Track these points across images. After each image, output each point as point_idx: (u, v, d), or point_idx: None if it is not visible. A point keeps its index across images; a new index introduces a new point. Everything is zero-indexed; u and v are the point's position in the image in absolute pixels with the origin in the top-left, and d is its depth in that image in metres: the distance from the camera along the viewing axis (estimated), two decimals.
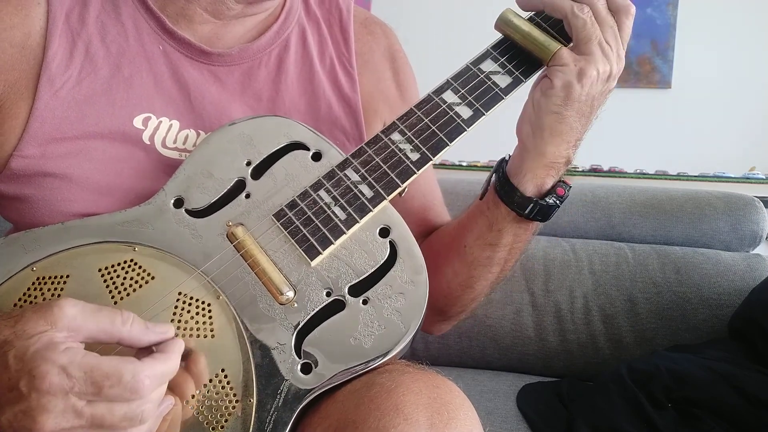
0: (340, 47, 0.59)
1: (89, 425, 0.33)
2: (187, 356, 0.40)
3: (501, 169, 0.51)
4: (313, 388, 0.41)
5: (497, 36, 0.51)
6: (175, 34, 0.52)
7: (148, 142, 0.50)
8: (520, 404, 0.90)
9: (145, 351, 0.38)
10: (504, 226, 0.51)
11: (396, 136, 0.48)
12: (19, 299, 0.42)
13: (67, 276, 0.43)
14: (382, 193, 0.46)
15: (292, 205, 0.46)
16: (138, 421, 0.35)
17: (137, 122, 0.50)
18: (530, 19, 0.50)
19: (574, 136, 0.48)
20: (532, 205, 0.49)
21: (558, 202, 0.50)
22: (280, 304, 0.43)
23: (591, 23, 0.45)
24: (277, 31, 0.56)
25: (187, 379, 0.40)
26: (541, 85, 0.48)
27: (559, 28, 0.49)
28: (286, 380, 0.41)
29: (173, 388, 0.39)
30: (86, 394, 0.33)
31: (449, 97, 0.49)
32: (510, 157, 0.52)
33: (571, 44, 0.48)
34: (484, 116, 0.49)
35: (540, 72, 0.50)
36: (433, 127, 0.48)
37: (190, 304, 0.43)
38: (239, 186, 0.48)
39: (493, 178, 0.52)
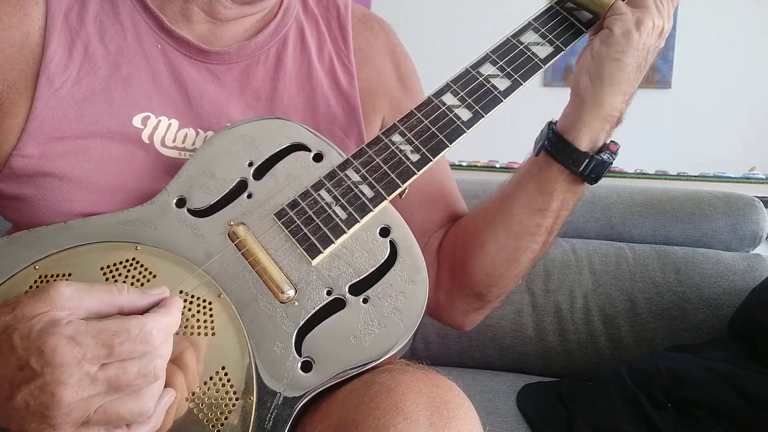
0: (339, 44, 0.59)
1: (106, 389, 0.34)
2: (187, 354, 0.41)
3: (551, 130, 0.51)
4: (313, 387, 0.41)
5: (496, 39, 0.51)
6: (173, 33, 0.52)
7: (148, 141, 0.50)
8: (520, 404, 0.90)
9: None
10: (555, 188, 0.51)
11: (396, 138, 0.48)
12: None
13: (69, 274, 0.43)
14: (383, 193, 0.46)
15: (293, 204, 0.46)
16: (152, 377, 0.35)
17: (136, 121, 0.50)
18: (535, 20, 0.51)
19: (630, 88, 0.50)
20: (588, 160, 0.49)
21: (612, 158, 0.50)
22: (281, 302, 0.43)
23: None
24: (275, 28, 0.56)
25: (188, 377, 0.40)
26: (600, 35, 0.49)
27: (564, 27, 0.50)
28: (287, 379, 0.41)
29: (174, 385, 0.39)
30: (99, 357, 0.34)
31: (449, 99, 0.49)
32: (556, 121, 0.52)
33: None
34: (483, 118, 0.49)
35: (537, 75, 0.50)
36: (433, 129, 0.48)
37: (191, 303, 0.43)
38: (241, 186, 0.48)
39: (543, 140, 0.51)
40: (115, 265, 0.44)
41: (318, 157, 0.49)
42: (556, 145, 0.50)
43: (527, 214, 0.52)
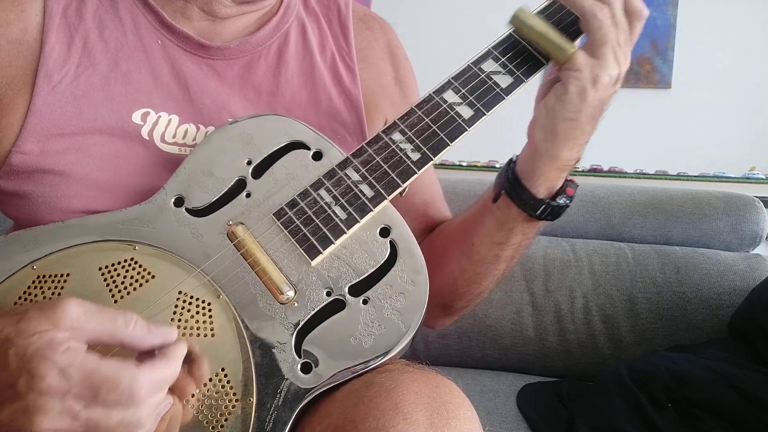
0: (340, 42, 0.59)
1: (85, 428, 0.33)
2: (187, 355, 0.40)
3: (510, 170, 0.51)
4: (313, 388, 0.41)
5: (497, 35, 0.51)
6: (173, 29, 0.52)
7: (147, 138, 0.50)
8: (520, 404, 0.90)
9: (147, 353, 0.37)
10: (514, 226, 0.51)
11: (397, 136, 0.48)
12: (20, 298, 0.42)
13: (68, 274, 0.43)
14: (383, 192, 0.46)
15: (292, 204, 0.46)
16: (134, 427, 0.34)
17: (136, 117, 0.50)
18: (541, 11, 0.49)
19: (585, 139, 0.49)
20: (544, 206, 0.50)
21: (568, 202, 0.50)
22: (281, 303, 0.43)
23: (608, 26, 0.45)
24: (276, 24, 0.56)
25: (187, 379, 0.40)
26: (555, 91, 0.47)
27: (568, 23, 0.49)
28: (286, 379, 0.41)
29: (173, 387, 0.39)
30: (83, 397, 0.33)
31: (450, 96, 0.49)
32: (517, 158, 0.52)
33: (581, 43, 0.48)
34: (485, 116, 0.48)
35: (540, 71, 0.50)
36: (434, 127, 0.48)
37: (190, 303, 0.43)
38: (240, 185, 0.48)
39: (502, 181, 0.52)
40: (113, 265, 0.44)
41: (317, 156, 0.48)
42: (515, 189, 0.50)
43: (486, 246, 0.53)
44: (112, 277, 0.43)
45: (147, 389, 0.34)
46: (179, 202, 0.47)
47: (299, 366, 0.41)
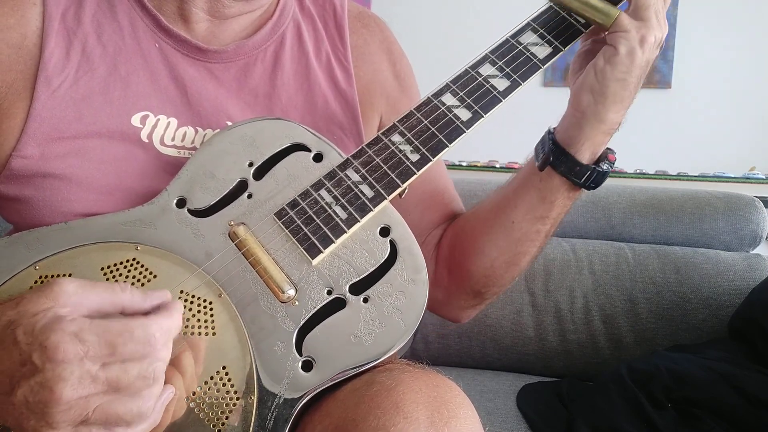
0: (336, 42, 0.59)
1: (106, 389, 0.34)
2: (188, 354, 0.41)
3: (551, 140, 0.51)
4: (314, 386, 0.41)
5: (495, 38, 0.51)
6: (170, 32, 0.52)
7: (147, 140, 0.50)
8: (520, 404, 0.90)
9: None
10: (556, 198, 0.52)
11: (396, 138, 0.49)
12: None
13: (70, 275, 0.43)
14: (383, 193, 0.46)
15: (293, 204, 0.46)
16: (152, 379, 0.35)
17: (135, 120, 0.50)
18: (534, 20, 0.51)
19: (630, 101, 0.50)
20: (589, 172, 0.50)
21: (611, 167, 0.51)
22: (282, 302, 0.43)
23: None
24: (272, 27, 0.56)
25: (189, 377, 0.40)
26: (603, 53, 0.48)
27: (562, 29, 0.50)
28: (287, 378, 0.41)
29: (175, 384, 0.39)
30: (101, 356, 0.34)
31: (448, 99, 0.49)
32: (555, 130, 0.52)
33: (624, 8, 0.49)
34: (483, 118, 0.49)
35: (536, 75, 0.50)
36: (433, 129, 0.49)
37: (192, 302, 0.43)
38: (241, 186, 0.48)
39: (546, 151, 0.52)
40: (115, 265, 0.44)
41: (318, 157, 0.49)
42: (558, 158, 0.51)
43: (528, 221, 0.53)
44: (114, 276, 0.43)
45: (159, 335, 0.36)
46: (181, 203, 0.47)
47: (300, 364, 0.42)
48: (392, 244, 0.45)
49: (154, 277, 0.44)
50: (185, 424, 0.40)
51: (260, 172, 0.48)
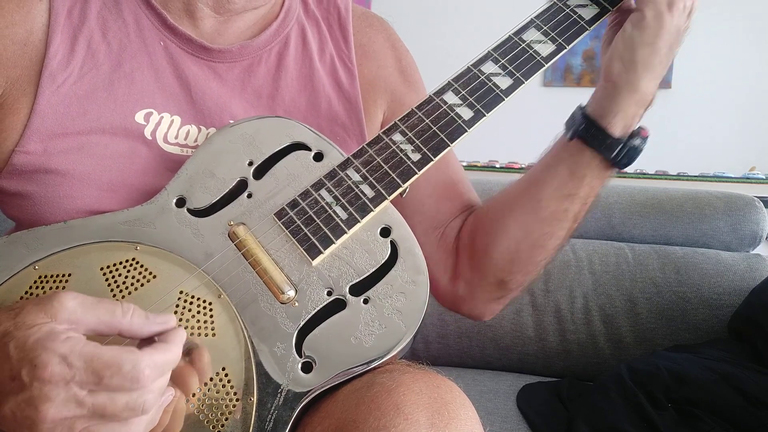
0: (340, 44, 0.59)
1: (91, 414, 0.33)
2: (188, 355, 0.40)
3: (582, 114, 0.50)
4: (314, 387, 0.41)
5: (497, 37, 0.51)
6: (176, 30, 0.52)
7: (150, 138, 0.50)
8: (520, 404, 0.90)
9: (147, 342, 0.37)
10: (586, 173, 0.50)
11: (397, 137, 0.48)
12: (21, 297, 0.42)
13: (69, 274, 0.43)
14: (384, 193, 0.46)
15: (293, 204, 0.46)
16: (140, 411, 0.34)
17: (139, 118, 0.50)
18: (538, 17, 0.50)
19: (663, 70, 0.49)
20: (621, 146, 0.49)
21: (644, 143, 0.50)
22: (281, 303, 0.43)
23: None
24: (277, 29, 0.56)
25: (188, 378, 0.40)
26: (631, 20, 0.48)
27: (565, 26, 0.50)
28: (287, 379, 0.41)
29: (175, 386, 0.39)
30: (87, 383, 0.33)
31: (450, 98, 0.49)
32: (586, 104, 0.51)
33: None
34: (484, 117, 0.49)
35: (539, 73, 0.50)
36: (434, 128, 0.48)
37: (191, 303, 0.43)
38: (241, 186, 0.48)
39: (576, 122, 0.51)
40: (115, 265, 0.44)
41: (318, 157, 0.49)
42: (588, 131, 0.49)
43: (556, 199, 0.52)
44: (113, 276, 0.43)
45: (150, 372, 0.34)
46: (181, 202, 0.47)
47: (300, 365, 0.42)
48: (393, 244, 0.45)
49: (154, 277, 0.43)
50: (185, 425, 0.39)
51: (260, 172, 0.48)
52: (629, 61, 0.48)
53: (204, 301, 0.43)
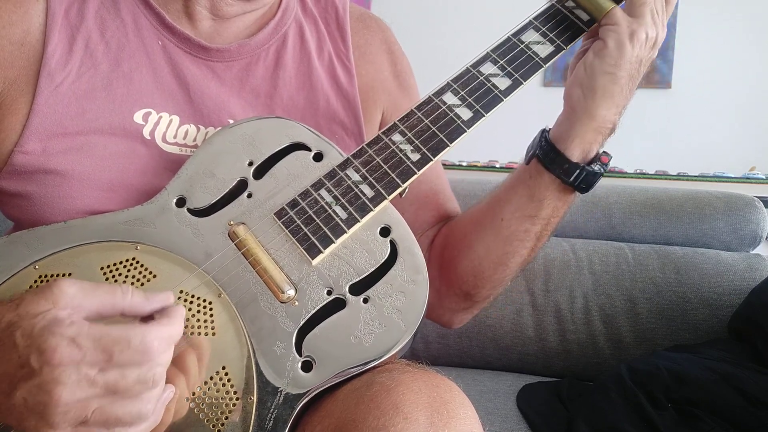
0: (338, 43, 0.59)
1: (104, 392, 0.34)
2: (188, 354, 0.41)
3: (543, 137, 0.51)
4: (313, 387, 0.41)
5: (499, 34, 0.51)
6: (174, 30, 0.52)
7: (149, 138, 0.50)
8: (520, 404, 0.90)
9: (147, 320, 0.38)
10: (546, 196, 0.51)
11: (397, 137, 0.48)
12: None
13: (70, 274, 0.43)
14: (383, 192, 0.46)
15: (293, 204, 0.46)
16: (151, 384, 0.35)
17: (137, 117, 0.50)
18: (536, 18, 0.51)
19: (623, 100, 0.49)
20: (578, 171, 0.49)
21: (603, 169, 0.50)
22: (281, 302, 0.43)
23: None
24: (275, 27, 0.56)
25: (188, 377, 0.40)
26: (593, 47, 0.49)
27: (565, 26, 0.50)
28: (287, 378, 0.41)
29: (175, 385, 0.39)
30: (97, 362, 0.33)
31: (449, 98, 0.49)
32: (550, 128, 0.52)
33: (622, 5, 0.49)
34: (484, 118, 0.49)
35: (538, 74, 0.50)
36: (434, 128, 0.48)
37: (191, 302, 0.43)
38: (241, 186, 0.48)
39: (535, 146, 0.52)
40: (115, 264, 0.44)
41: (318, 157, 0.49)
42: (547, 155, 0.50)
43: (517, 219, 0.53)
44: (114, 276, 0.43)
45: (158, 344, 0.35)
46: (181, 202, 0.47)
47: (300, 365, 0.42)
48: (392, 244, 0.45)
49: (154, 276, 0.44)
50: (185, 424, 0.40)
51: (260, 172, 0.48)
52: (589, 88, 0.48)
53: (204, 301, 0.43)
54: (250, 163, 0.49)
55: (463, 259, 0.55)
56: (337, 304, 0.44)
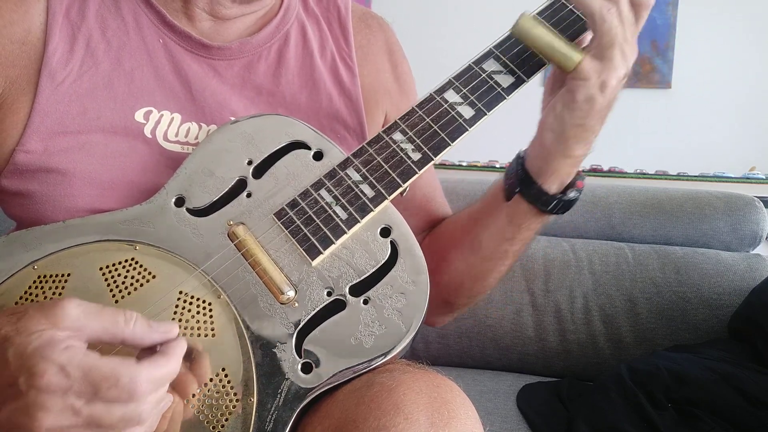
0: (340, 42, 0.59)
1: (86, 424, 0.33)
2: (188, 355, 0.40)
3: (520, 168, 0.51)
4: (314, 388, 0.41)
5: (499, 35, 0.51)
6: (175, 28, 0.52)
7: (150, 136, 0.50)
8: (520, 404, 0.90)
9: (148, 350, 0.37)
10: (524, 221, 0.51)
11: (397, 136, 0.48)
12: (20, 297, 0.42)
13: (68, 274, 0.43)
14: (384, 192, 0.46)
15: (293, 204, 0.46)
16: (136, 422, 0.35)
17: (139, 116, 0.50)
18: (542, 11, 0.49)
19: (595, 135, 0.49)
20: (556, 201, 0.50)
21: (579, 194, 0.51)
22: (281, 303, 0.43)
23: (616, 26, 0.44)
24: (277, 26, 0.56)
25: (188, 378, 0.40)
26: (562, 98, 0.47)
27: (570, 21, 0.48)
28: (287, 379, 0.41)
29: (174, 387, 0.39)
30: (83, 393, 0.33)
31: (451, 96, 0.49)
32: (525, 154, 0.51)
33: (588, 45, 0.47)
34: (486, 116, 0.48)
35: (541, 71, 0.49)
36: (435, 127, 0.48)
37: (191, 303, 0.43)
38: (240, 185, 0.48)
39: (513, 179, 0.51)
40: (114, 265, 0.44)
41: (318, 156, 0.49)
42: (526, 187, 0.50)
43: (495, 241, 0.53)
44: (113, 276, 0.43)
45: (147, 386, 0.34)
46: (180, 202, 0.47)
47: (300, 366, 0.41)
48: (393, 244, 0.45)
49: (153, 277, 0.43)
50: (185, 426, 0.39)
51: (259, 171, 0.48)
52: (560, 134, 0.47)
53: (204, 302, 0.43)
54: (250, 162, 0.48)
55: (442, 272, 0.55)
56: (337, 305, 0.43)
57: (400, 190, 0.47)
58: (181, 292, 0.43)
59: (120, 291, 0.43)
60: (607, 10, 0.44)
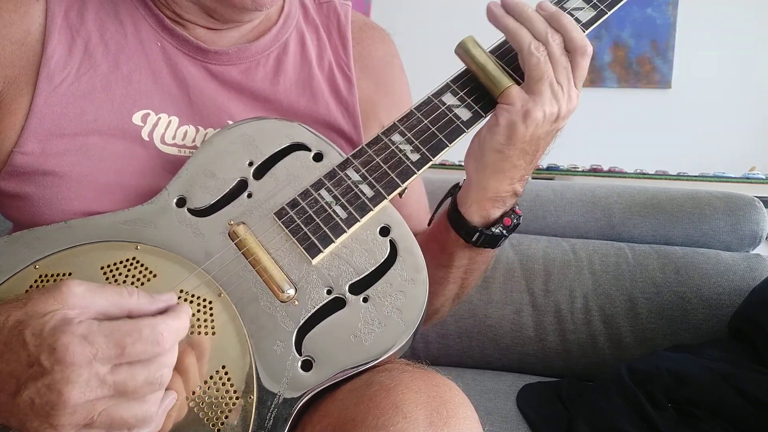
0: (339, 52, 0.59)
1: (112, 393, 0.34)
2: (188, 353, 0.41)
3: (453, 195, 0.52)
4: (313, 386, 0.41)
5: (494, 40, 0.51)
6: (173, 32, 0.52)
7: (147, 139, 0.50)
8: (520, 404, 0.90)
9: None
10: (455, 250, 0.52)
11: (396, 137, 0.49)
12: None
13: (70, 274, 0.43)
14: (383, 192, 0.46)
15: (293, 204, 0.46)
16: (158, 385, 0.36)
17: (136, 119, 0.50)
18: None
19: (518, 174, 0.49)
20: (477, 233, 0.50)
21: (504, 231, 0.51)
22: (281, 301, 0.43)
23: (544, 62, 0.45)
24: (276, 34, 0.56)
25: (189, 376, 0.40)
26: (488, 123, 0.48)
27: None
28: (287, 378, 0.41)
29: (175, 384, 0.39)
30: (110, 357, 0.34)
31: (448, 99, 0.49)
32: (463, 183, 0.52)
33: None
34: (483, 118, 0.49)
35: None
36: (433, 129, 0.48)
37: (191, 302, 0.43)
38: (241, 186, 0.48)
39: (444, 204, 0.52)
40: (115, 264, 0.44)
41: (318, 157, 0.49)
42: (451, 214, 0.51)
43: (432, 266, 0.52)
44: (114, 276, 0.44)
45: (168, 335, 0.36)
46: (181, 202, 0.47)
47: (300, 364, 0.42)
48: (392, 243, 0.45)
49: (154, 276, 0.44)
50: (185, 423, 0.40)
51: (260, 172, 0.49)
52: (479, 161, 0.48)
53: (204, 300, 0.43)
54: (250, 164, 0.49)
55: None
56: (337, 304, 0.44)
57: (399, 189, 0.47)
58: (181, 291, 0.43)
59: None
60: (536, 47, 0.45)
